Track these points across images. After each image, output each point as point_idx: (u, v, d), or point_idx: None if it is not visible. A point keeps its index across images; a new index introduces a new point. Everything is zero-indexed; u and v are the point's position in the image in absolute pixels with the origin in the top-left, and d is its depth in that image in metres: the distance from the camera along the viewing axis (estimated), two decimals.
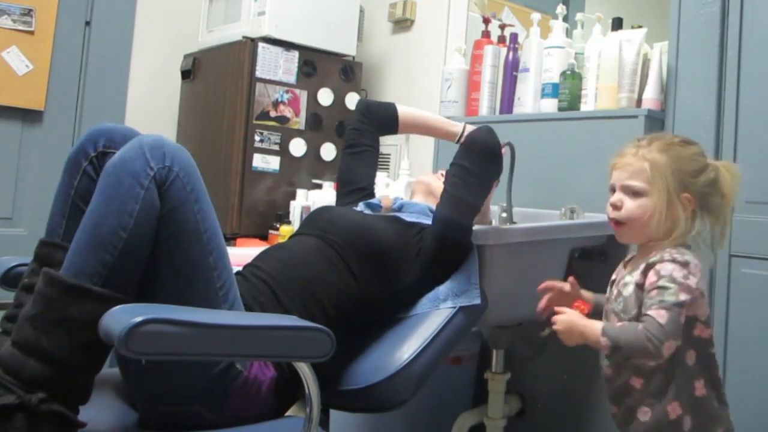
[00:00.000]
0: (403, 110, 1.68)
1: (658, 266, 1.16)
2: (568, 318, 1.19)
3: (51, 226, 1.24)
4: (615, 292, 1.26)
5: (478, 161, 1.32)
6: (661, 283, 1.13)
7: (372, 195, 1.66)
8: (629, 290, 1.20)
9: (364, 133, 1.66)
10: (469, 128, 1.67)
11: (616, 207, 1.24)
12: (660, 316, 1.10)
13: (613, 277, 1.32)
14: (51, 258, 1.15)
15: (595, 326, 1.17)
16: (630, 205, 1.22)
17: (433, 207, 1.54)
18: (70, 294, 0.98)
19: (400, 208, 1.54)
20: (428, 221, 1.45)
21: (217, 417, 1.11)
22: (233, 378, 1.12)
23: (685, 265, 1.15)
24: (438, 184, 1.62)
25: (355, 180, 1.65)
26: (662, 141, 1.24)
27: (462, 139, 1.66)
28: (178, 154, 1.08)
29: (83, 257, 1.01)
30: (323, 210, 1.51)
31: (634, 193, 1.21)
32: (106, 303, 0.95)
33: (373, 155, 1.69)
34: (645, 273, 1.18)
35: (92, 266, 1.01)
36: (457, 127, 1.70)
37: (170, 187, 1.06)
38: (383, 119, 1.67)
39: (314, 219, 1.47)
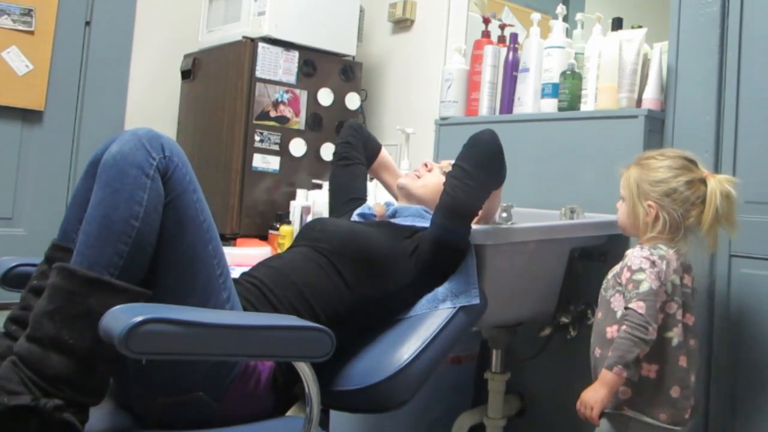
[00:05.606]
0: (385, 152, 1.78)
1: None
2: (581, 399, 1.29)
3: (66, 229, 1.22)
4: None
5: (477, 165, 1.32)
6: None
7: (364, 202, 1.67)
8: None
9: (356, 147, 1.71)
10: None
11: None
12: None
13: None
14: (64, 262, 1.14)
15: (601, 376, 1.27)
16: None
17: (428, 207, 1.54)
18: (90, 287, 0.99)
19: (393, 214, 1.55)
20: (423, 223, 1.46)
21: (219, 406, 1.11)
22: (235, 363, 1.13)
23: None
24: (414, 183, 1.59)
25: (350, 191, 1.67)
26: (643, 155, 1.43)
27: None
28: (173, 145, 1.11)
29: (97, 249, 1.02)
30: (315, 221, 1.54)
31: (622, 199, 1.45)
32: (126, 295, 0.99)
33: (364, 170, 1.73)
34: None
35: (108, 256, 1.02)
36: None
37: (172, 176, 1.08)
38: (369, 145, 1.75)
39: (307, 231, 1.49)
